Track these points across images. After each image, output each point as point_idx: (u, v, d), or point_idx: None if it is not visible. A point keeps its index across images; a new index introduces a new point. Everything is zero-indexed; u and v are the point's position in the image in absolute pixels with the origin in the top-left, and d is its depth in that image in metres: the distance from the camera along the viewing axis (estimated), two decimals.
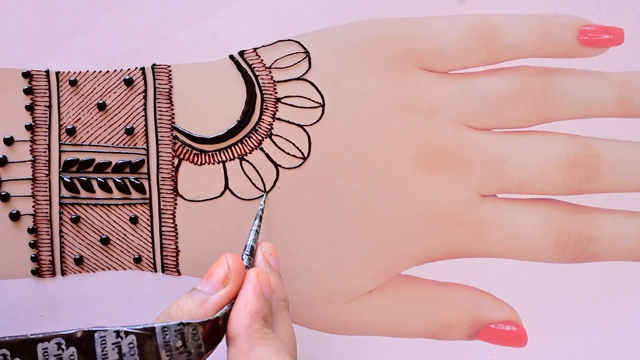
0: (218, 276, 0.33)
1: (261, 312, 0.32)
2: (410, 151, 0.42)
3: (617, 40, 0.42)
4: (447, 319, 0.43)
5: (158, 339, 0.30)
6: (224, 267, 0.33)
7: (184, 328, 0.30)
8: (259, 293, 0.32)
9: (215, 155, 0.42)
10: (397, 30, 0.42)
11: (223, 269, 0.33)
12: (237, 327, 0.31)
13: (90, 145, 0.42)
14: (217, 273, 0.33)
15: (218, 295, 0.32)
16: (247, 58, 0.42)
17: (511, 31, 0.42)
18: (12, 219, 0.42)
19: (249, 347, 0.31)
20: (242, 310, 0.32)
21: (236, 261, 0.33)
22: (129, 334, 0.30)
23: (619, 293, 0.43)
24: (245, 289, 0.33)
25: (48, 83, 0.41)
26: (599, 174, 0.42)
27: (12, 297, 0.42)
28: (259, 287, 0.33)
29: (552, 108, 0.42)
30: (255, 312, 0.32)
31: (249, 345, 0.31)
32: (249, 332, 0.31)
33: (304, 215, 0.42)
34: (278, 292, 0.35)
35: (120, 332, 0.30)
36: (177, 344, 0.30)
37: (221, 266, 0.33)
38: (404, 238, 0.42)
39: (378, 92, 0.42)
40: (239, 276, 0.33)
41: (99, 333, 0.30)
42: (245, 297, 0.32)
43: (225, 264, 0.33)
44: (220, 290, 0.33)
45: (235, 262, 0.33)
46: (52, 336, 0.30)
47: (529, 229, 0.43)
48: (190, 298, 0.32)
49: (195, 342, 0.31)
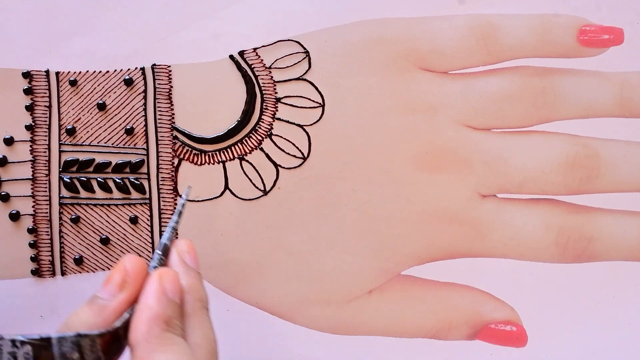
0: (115, 281, 0.31)
1: (162, 315, 0.30)
2: (410, 151, 0.42)
3: (617, 40, 0.42)
4: (447, 319, 0.43)
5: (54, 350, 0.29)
6: (121, 270, 0.31)
7: (81, 340, 0.29)
8: (160, 295, 0.30)
9: (215, 155, 0.42)
10: (397, 30, 0.42)
11: (120, 272, 0.31)
12: (136, 333, 0.29)
13: (90, 145, 0.42)
14: (114, 277, 0.31)
15: (115, 301, 0.31)
16: (247, 58, 0.42)
17: (511, 31, 0.42)
18: (12, 219, 0.42)
19: (147, 355, 0.29)
20: (141, 315, 0.30)
21: (135, 263, 0.31)
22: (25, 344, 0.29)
23: (619, 293, 0.43)
24: (145, 293, 0.31)
25: (48, 83, 0.41)
26: (599, 174, 0.42)
27: (12, 297, 0.42)
28: (161, 288, 0.30)
29: (552, 108, 0.42)
30: (155, 316, 0.29)
31: (146, 353, 0.29)
32: (148, 338, 0.29)
33: (304, 215, 0.42)
34: (194, 293, 0.32)
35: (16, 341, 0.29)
36: (74, 356, 0.29)
37: (119, 270, 0.31)
38: (404, 238, 0.42)
39: (378, 92, 0.42)
40: (138, 279, 0.31)
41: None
42: (145, 302, 0.30)
43: (122, 266, 0.31)
44: (117, 295, 0.31)
45: (133, 264, 0.31)
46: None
47: (529, 229, 0.43)
48: (88, 306, 0.31)
49: (93, 354, 0.29)
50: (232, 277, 0.42)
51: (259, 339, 0.43)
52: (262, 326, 0.42)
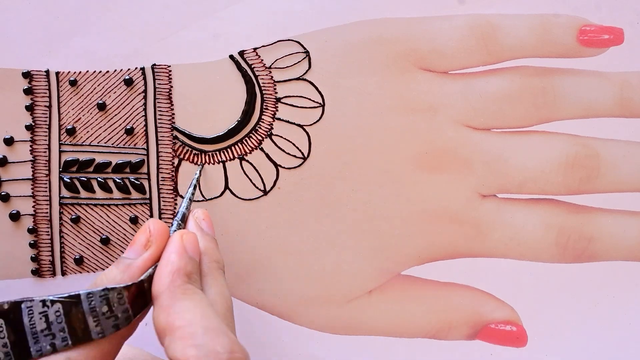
0: (140, 241, 0.34)
1: (183, 269, 0.32)
2: (410, 151, 0.42)
3: (617, 40, 0.42)
4: (447, 319, 0.43)
5: (84, 306, 0.30)
6: (145, 231, 0.34)
7: (109, 293, 0.31)
8: (181, 252, 0.33)
9: (215, 155, 0.42)
10: (397, 30, 0.42)
11: (145, 233, 0.34)
12: (159, 285, 0.31)
13: (90, 145, 0.42)
14: (139, 238, 0.34)
15: (141, 258, 0.33)
16: (247, 58, 0.42)
17: (511, 31, 0.42)
18: (12, 219, 0.42)
19: (170, 302, 0.31)
20: (164, 269, 0.32)
21: (158, 225, 0.34)
22: (54, 302, 0.30)
23: (619, 293, 0.43)
24: (167, 250, 0.33)
25: (48, 83, 0.41)
26: (599, 174, 0.42)
27: (12, 297, 0.41)
28: (182, 246, 0.33)
29: (552, 108, 0.42)
30: (177, 269, 0.32)
31: (169, 300, 0.31)
32: (171, 288, 0.31)
33: (304, 215, 0.42)
34: (210, 254, 0.35)
35: (46, 301, 0.30)
36: (103, 309, 0.30)
37: (143, 231, 0.34)
38: (404, 238, 0.42)
39: (378, 92, 0.42)
40: (161, 239, 0.33)
41: (25, 304, 0.30)
42: (167, 257, 0.32)
43: (147, 229, 0.34)
44: (142, 254, 0.33)
45: (157, 225, 0.34)
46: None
47: (529, 229, 0.43)
48: (115, 266, 0.33)
49: (121, 306, 0.31)
50: (232, 277, 0.42)
51: (259, 338, 0.43)
52: (262, 326, 0.43)
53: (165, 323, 0.30)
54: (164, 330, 0.30)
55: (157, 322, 0.31)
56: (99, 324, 0.30)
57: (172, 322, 0.30)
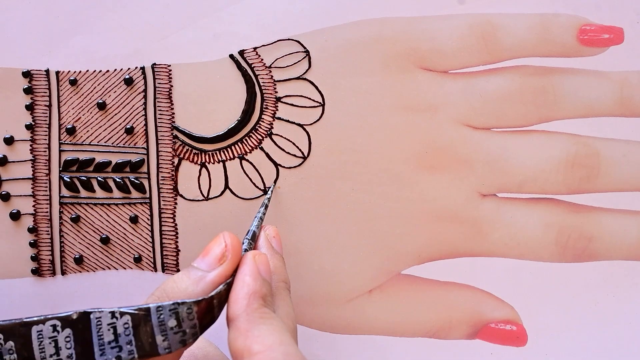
0: (215, 254, 0.33)
1: (259, 292, 0.32)
2: (411, 150, 0.42)
3: (617, 40, 0.42)
4: (448, 318, 0.43)
5: (153, 319, 0.30)
6: (221, 244, 0.33)
7: (179, 307, 0.30)
8: (256, 274, 0.32)
9: (215, 154, 0.42)
10: (397, 29, 0.42)
11: (220, 246, 0.33)
12: (236, 308, 0.31)
13: (90, 144, 0.42)
14: (214, 250, 0.33)
15: (215, 273, 0.32)
16: (247, 57, 0.42)
17: (511, 30, 0.42)
18: (13, 218, 0.42)
19: (248, 326, 0.30)
20: (240, 291, 0.32)
21: (234, 239, 0.33)
22: (124, 314, 0.30)
23: (618, 292, 0.43)
24: (242, 271, 0.33)
25: (48, 82, 0.41)
26: (599, 173, 0.42)
27: (12, 296, 0.42)
28: (256, 268, 0.33)
29: (552, 107, 0.42)
30: (254, 292, 0.32)
31: (248, 324, 0.30)
32: (248, 312, 0.31)
33: (304, 215, 0.42)
34: (278, 274, 0.35)
35: (115, 312, 0.30)
36: (172, 324, 0.30)
37: (219, 244, 0.33)
38: (404, 237, 0.42)
39: (378, 92, 0.42)
40: (236, 255, 0.33)
41: (94, 314, 0.30)
42: (242, 279, 0.32)
43: (222, 241, 0.33)
44: (217, 268, 0.32)
45: (232, 240, 0.33)
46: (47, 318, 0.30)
47: (529, 228, 0.42)
48: (186, 275, 0.32)
49: (190, 321, 0.30)
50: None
51: None
52: None
53: (243, 346, 0.30)
54: (241, 354, 0.30)
55: (234, 345, 0.30)
56: (167, 339, 0.30)
57: (250, 346, 0.30)
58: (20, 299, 0.42)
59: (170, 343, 0.30)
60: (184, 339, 0.30)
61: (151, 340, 0.30)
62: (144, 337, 0.30)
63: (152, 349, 0.30)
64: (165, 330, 0.30)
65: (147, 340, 0.30)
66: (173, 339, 0.30)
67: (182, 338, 0.30)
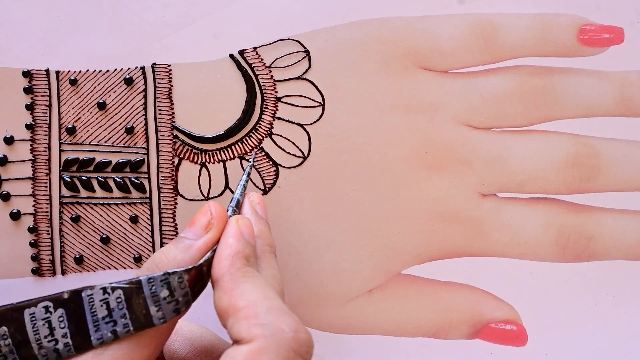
0: (201, 223, 0.34)
1: (242, 252, 0.32)
2: (411, 150, 0.42)
3: (617, 40, 0.42)
4: (447, 318, 0.43)
5: (145, 291, 0.30)
6: (206, 214, 0.34)
7: (170, 277, 0.31)
8: (239, 235, 0.33)
9: (215, 154, 0.42)
10: (397, 29, 0.42)
11: (206, 215, 0.34)
12: (220, 268, 0.32)
13: (90, 144, 0.42)
14: (200, 220, 0.34)
15: (202, 240, 0.33)
16: (247, 57, 0.42)
17: (511, 30, 0.42)
18: (13, 218, 0.42)
19: (232, 285, 0.31)
20: (224, 252, 0.32)
21: (219, 208, 0.34)
22: (115, 289, 0.30)
23: (618, 292, 0.43)
24: (225, 234, 0.33)
25: (48, 82, 0.41)
26: (599, 173, 0.42)
27: (12, 296, 0.42)
28: (239, 230, 0.33)
29: (552, 107, 0.42)
30: (236, 252, 0.32)
31: (231, 283, 0.31)
32: (231, 271, 0.31)
33: (304, 215, 0.42)
34: (264, 238, 0.35)
35: (107, 288, 0.30)
36: (164, 294, 0.30)
37: (204, 213, 0.34)
38: (404, 237, 0.42)
39: (378, 91, 0.42)
40: (221, 222, 0.34)
41: (85, 292, 0.30)
42: (226, 241, 0.33)
43: (208, 211, 0.34)
44: (203, 235, 0.33)
45: (217, 209, 0.34)
46: (39, 300, 0.30)
47: (529, 228, 0.43)
48: (174, 245, 0.33)
49: (182, 290, 0.31)
50: None
51: None
52: None
53: (228, 305, 0.30)
54: (226, 312, 0.30)
55: (219, 304, 0.31)
56: (160, 309, 0.30)
57: (235, 303, 0.30)
58: (21, 299, 0.42)
59: (165, 313, 0.31)
60: (178, 308, 0.31)
61: (145, 312, 0.30)
62: (137, 309, 0.30)
63: (147, 320, 0.30)
64: (158, 300, 0.30)
65: (141, 312, 0.30)
66: (167, 309, 0.31)
67: (176, 307, 0.31)
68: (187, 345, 0.36)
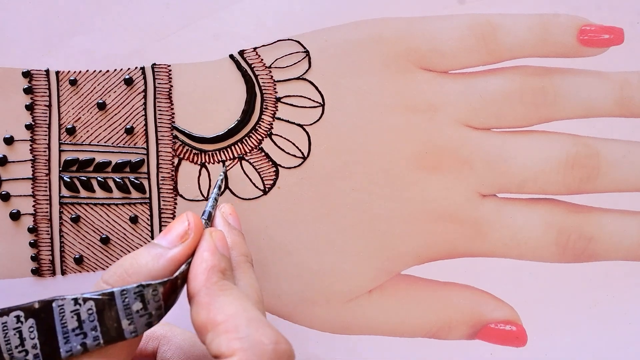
0: (177, 231, 0.33)
1: (218, 266, 0.32)
2: (411, 151, 0.42)
3: (617, 40, 0.42)
4: (447, 318, 0.43)
5: (117, 303, 0.30)
6: (184, 223, 0.34)
7: (144, 290, 0.30)
8: (213, 249, 0.33)
9: (215, 154, 0.42)
10: (397, 29, 0.42)
11: (183, 224, 0.33)
12: (196, 283, 0.31)
13: (90, 144, 0.42)
14: (176, 228, 0.33)
15: (176, 250, 0.32)
16: (247, 57, 0.42)
17: (511, 31, 0.42)
18: (13, 218, 0.42)
19: (209, 299, 0.31)
20: (199, 267, 0.32)
21: (197, 219, 0.34)
22: (87, 300, 0.30)
23: (618, 293, 0.43)
24: (200, 248, 0.33)
25: (48, 82, 0.41)
26: (599, 174, 0.42)
27: (12, 296, 0.42)
28: (213, 244, 0.33)
29: (552, 108, 0.42)
30: (212, 267, 0.32)
31: (208, 297, 0.31)
32: (207, 285, 0.31)
33: (304, 215, 0.42)
34: (238, 248, 0.35)
35: (78, 299, 0.30)
36: (137, 307, 0.30)
37: (181, 222, 0.34)
38: (404, 237, 0.42)
39: (378, 92, 0.42)
40: (198, 233, 0.33)
41: (56, 302, 0.30)
42: (200, 255, 0.32)
43: (185, 220, 0.34)
44: (178, 245, 0.33)
45: (195, 219, 0.34)
46: (12, 309, 0.30)
47: (529, 228, 0.43)
48: (146, 251, 0.32)
49: (155, 303, 0.30)
50: None
51: None
52: None
53: (206, 319, 0.30)
54: (205, 327, 0.30)
55: (197, 319, 0.31)
56: (132, 322, 0.30)
57: (213, 318, 0.30)
58: (20, 299, 0.41)
59: (137, 326, 0.30)
60: (150, 321, 0.30)
61: (117, 325, 0.30)
62: (109, 322, 0.30)
63: (118, 334, 0.30)
64: (130, 313, 0.30)
65: (112, 325, 0.30)
66: (139, 322, 0.30)
67: (149, 320, 0.30)
68: (180, 354, 0.36)
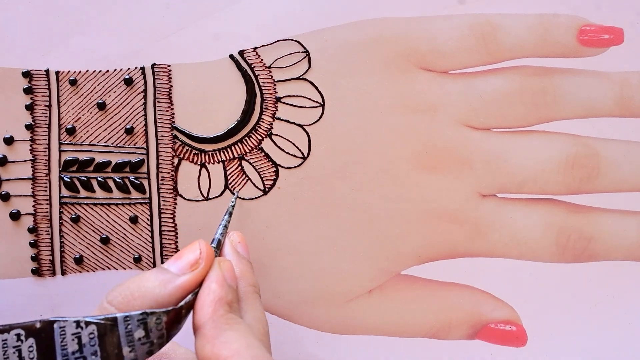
0: (188, 259, 0.33)
1: (225, 299, 0.32)
2: (410, 151, 0.42)
3: (617, 40, 0.42)
4: (447, 318, 0.43)
5: (120, 329, 0.29)
6: (195, 251, 0.33)
7: (148, 318, 0.30)
8: (221, 281, 0.32)
9: (215, 154, 0.42)
10: (397, 29, 0.42)
11: (195, 253, 0.33)
12: (202, 315, 0.31)
13: (90, 144, 0.42)
14: (187, 256, 0.33)
15: (185, 278, 0.32)
16: (247, 57, 0.42)
17: (511, 31, 0.42)
18: (13, 218, 0.42)
19: (215, 333, 0.30)
20: (206, 298, 0.32)
21: (209, 249, 0.33)
22: (89, 324, 0.29)
23: (618, 293, 0.43)
24: (208, 279, 0.33)
25: (48, 82, 0.41)
26: (599, 174, 0.42)
27: (12, 296, 0.42)
28: (221, 275, 0.33)
29: (552, 108, 0.42)
30: (219, 299, 0.32)
31: (214, 331, 0.30)
32: (214, 318, 0.31)
33: (304, 215, 0.42)
34: (246, 278, 0.35)
35: (80, 322, 0.29)
36: (140, 335, 0.29)
37: (193, 250, 0.33)
38: (403, 238, 0.42)
39: (378, 92, 0.42)
40: (208, 263, 0.33)
41: (58, 323, 0.29)
42: (208, 286, 0.32)
43: (197, 248, 0.33)
44: (187, 273, 0.32)
45: (208, 249, 0.33)
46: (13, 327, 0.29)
47: (528, 228, 0.42)
48: (154, 275, 0.32)
49: (158, 332, 0.30)
50: None
51: None
52: None
53: (211, 354, 0.30)
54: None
55: (202, 352, 0.30)
56: (134, 350, 0.29)
57: (217, 352, 0.30)
58: (20, 299, 0.42)
59: (137, 354, 0.29)
60: (151, 350, 0.30)
61: (117, 352, 0.29)
62: (109, 347, 0.29)
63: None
64: (132, 341, 0.29)
65: (112, 352, 0.29)
66: (140, 350, 0.30)
67: (150, 348, 0.30)
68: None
